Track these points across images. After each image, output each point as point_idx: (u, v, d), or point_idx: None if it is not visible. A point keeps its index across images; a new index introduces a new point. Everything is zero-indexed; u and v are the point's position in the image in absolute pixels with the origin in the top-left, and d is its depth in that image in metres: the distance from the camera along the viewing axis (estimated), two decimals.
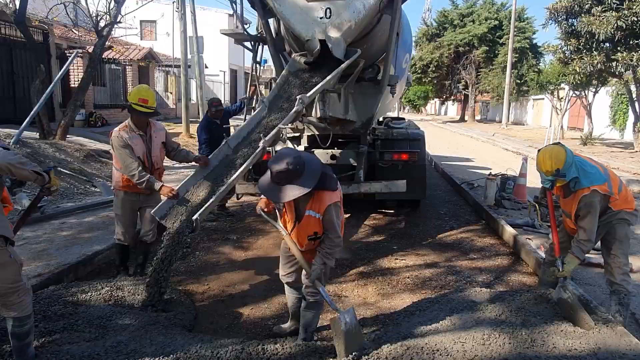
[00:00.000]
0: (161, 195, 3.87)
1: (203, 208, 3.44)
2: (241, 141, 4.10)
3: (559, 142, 3.63)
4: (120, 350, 2.85)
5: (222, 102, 6.99)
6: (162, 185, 3.87)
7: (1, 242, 2.52)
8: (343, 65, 4.34)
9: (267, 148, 3.99)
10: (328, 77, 4.22)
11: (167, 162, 4.73)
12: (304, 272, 3.13)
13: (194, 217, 3.36)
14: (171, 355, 2.80)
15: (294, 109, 3.96)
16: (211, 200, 3.51)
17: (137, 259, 4.40)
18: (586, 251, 3.44)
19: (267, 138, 3.78)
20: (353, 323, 2.88)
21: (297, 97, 4.00)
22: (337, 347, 2.84)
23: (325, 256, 3.00)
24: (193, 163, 4.24)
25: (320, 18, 4.34)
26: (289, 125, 4.17)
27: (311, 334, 3.22)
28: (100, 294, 3.69)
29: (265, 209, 3.28)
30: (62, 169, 7.76)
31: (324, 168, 3.04)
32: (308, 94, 4.05)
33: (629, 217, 3.49)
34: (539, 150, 3.56)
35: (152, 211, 3.66)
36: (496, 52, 34.17)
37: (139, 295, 3.73)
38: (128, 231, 4.24)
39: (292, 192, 2.79)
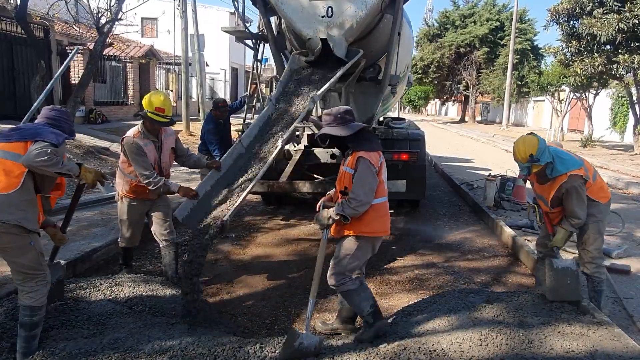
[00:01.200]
0: (180, 196, 3.78)
1: (233, 208, 3.40)
2: (253, 140, 4.09)
3: (532, 132, 3.75)
4: (117, 347, 2.85)
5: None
6: (180, 186, 3.77)
7: (22, 230, 2.67)
8: (348, 64, 4.35)
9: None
10: (337, 75, 4.24)
11: None
12: (329, 270, 3.19)
13: (225, 218, 3.30)
14: (168, 353, 2.80)
15: (306, 107, 3.99)
16: (239, 200, 3.47)
17: (168, 264, 4.13)
18: (575, 225, 3.56)
19: (285, 137, 3.83)
20: (308, 349, 2.83)
21: (309, 95, 4.04)
22: (282, 349, 2.86)
23: (338, 206, 3.04)
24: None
25: (322, 17, 4.35)
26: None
27: (369, 315, 3.14)
28: (99, 290, 3.68)
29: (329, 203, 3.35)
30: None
31: (370, 135, 3.23)
32: (318, 92, 4.09)
33: (602, 210, 3.66)
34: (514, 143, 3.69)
35: (175, 213, 3.58)
36: (497, 53, 34.21)
37: (138, 291, 3.73)
38: (133, 237, 4.14)
39: (324, 130, 3.15)
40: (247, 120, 6.59)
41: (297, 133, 4.41)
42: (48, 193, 2.92)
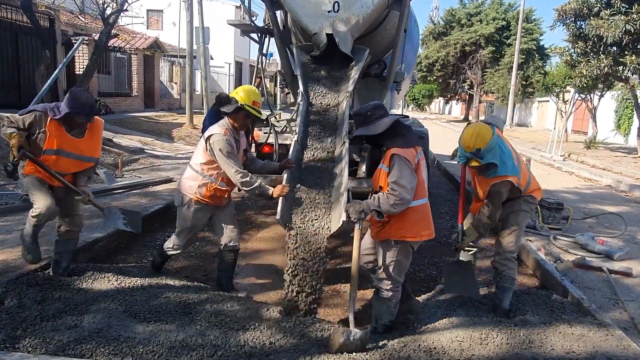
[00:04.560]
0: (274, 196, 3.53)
1: (344, 208, 3.28)
2: (303, 135, 4.10)
3: (490, 123, 3.53)
4: (110, 337, 2.85)
5: None
6: (273, 188, 3.51)
7: None
8: (360, 64, 4.39)
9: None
10: (359, 71, 4.37)
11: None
12: (378, 275, 3.21)
13: (343, 219, 3.19)
14: (167, 344, 2.80)
15: (346, 102, 4.13)
16: (345, 198, 3.36)
17: (225, 270, 3.94)
18: (485, 229, 3.57)
19: (347, 133, 3.93)
20: (355, 343, 2.83)
21: (347, 91, 4.20)
22: (328, 348, 2.88)
23: (374, 200, 2.87)
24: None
25: (328, 12, 4.33)
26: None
27: (382, 326, 3.18)
28: (101, 279, 3.69)
29: None
30: None
31: (405, 129, 3.11)
32: (350, 88, 4.23)
33: (529, 207, 3.64)
34: (467, 124, 3.58)
35: (277, 218, 3.33)
36: (503, 52, 34.07)
37: (139, 282, 3.73)
38: (188, 244, 3.98)
39: (357, 132, 3.08)
40: None
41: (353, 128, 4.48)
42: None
